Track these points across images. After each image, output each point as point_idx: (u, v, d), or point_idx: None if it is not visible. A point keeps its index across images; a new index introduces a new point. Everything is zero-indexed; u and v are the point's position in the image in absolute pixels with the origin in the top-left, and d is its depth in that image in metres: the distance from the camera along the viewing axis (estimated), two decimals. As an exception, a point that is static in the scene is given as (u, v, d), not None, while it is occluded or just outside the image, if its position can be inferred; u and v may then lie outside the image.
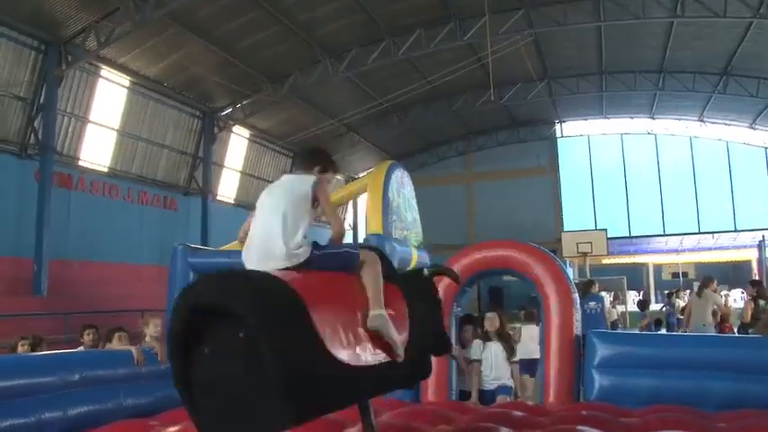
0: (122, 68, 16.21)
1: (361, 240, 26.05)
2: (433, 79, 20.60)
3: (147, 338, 8.18)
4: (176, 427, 4.06)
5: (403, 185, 13.49)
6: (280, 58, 17.95)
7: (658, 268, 29.19)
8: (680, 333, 8.68)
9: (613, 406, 4.58)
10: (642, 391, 4.87)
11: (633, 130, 27.45)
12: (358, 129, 24.40)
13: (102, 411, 4.57)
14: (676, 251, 27.46)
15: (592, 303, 10.12)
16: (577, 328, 5.43)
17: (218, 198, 20.51)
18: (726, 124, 25.37)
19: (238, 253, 9.87)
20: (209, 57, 16.72)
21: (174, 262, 11.82)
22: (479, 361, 5.85)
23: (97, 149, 16.40)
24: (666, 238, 26.94)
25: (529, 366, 6.86)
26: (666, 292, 24.40)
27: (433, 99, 23.33)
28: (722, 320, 11.10)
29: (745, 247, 25.83)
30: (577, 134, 28.57)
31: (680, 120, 26.01)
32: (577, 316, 5.48)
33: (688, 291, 24.30)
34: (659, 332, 13.09)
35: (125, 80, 16.59)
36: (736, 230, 25.83)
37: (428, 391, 5.56)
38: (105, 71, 16.04)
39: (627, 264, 28.05)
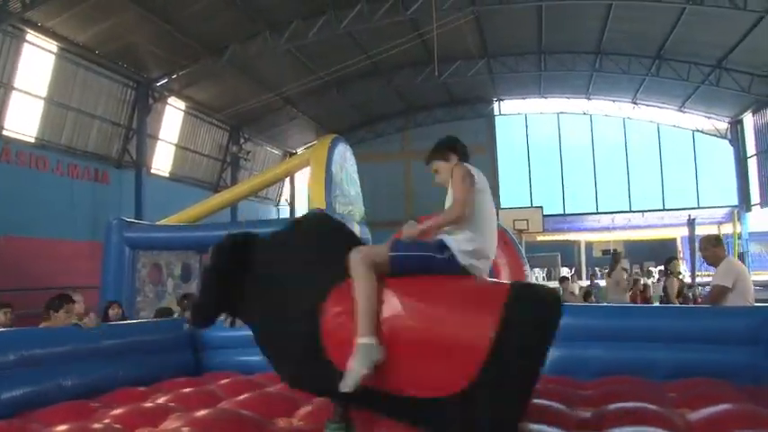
0: (50, 33, 15.35)
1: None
2: (374, 54, 20.46)
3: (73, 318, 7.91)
4: (120, 410, 3.90)
5: (345, 160, 13.40)
6: (218, 29, 17.39)
7: (590, 245, 30.02)
8: (625, 305, 8.90)
9: (566, 378, 4.63)
10: (591, 364, 4.94)
11: (569, 110, 27.97)
12: (297, 102, 24.02)
13: (40, 393, 4.35)
14: (608, 229, 28.28)
15: None
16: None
17: (153, 171, 19.85)
18: (657, 107, 26.12)
19: (175, 228, 9.74)
20: (145, 25, 16.04)
21: (109, 236, 11.52)
22: None
23: (23, 119, 15.56)
24: (599, 216, 27.71)
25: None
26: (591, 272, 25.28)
27: (373, 74, 23.17)
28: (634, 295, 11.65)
29: (672, 225, 26.78)
30: (515, 112, 28.93)
31: (614, 101, 26.65)
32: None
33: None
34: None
35: (53, 46, 15.74)
36: (664, 209, 26.77)
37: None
38: (31, 35, 15.16)
39: (560, 241, 28.73)
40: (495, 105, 28.91)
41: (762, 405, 3.62)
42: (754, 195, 24.61)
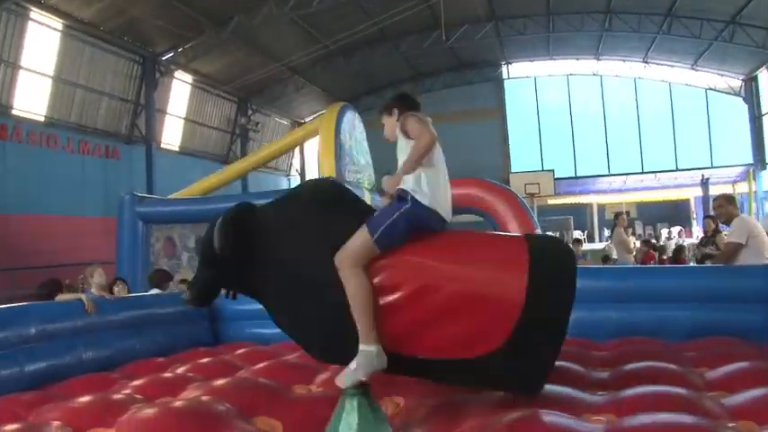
0: (54, 10, 15.26)
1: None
2: (380, 20, 20.21)
3: (94, 289, 8.00)
4: (140, 381, 3.95)
5: (354, 128, 13.31)
6: (222, 0, 17.24)
7: (602, 208, 29.88)
8: (640, 266, 8.89)
9: (583, 340, 4.63)
10: (607, 325, 4.93)
11: (579, 72, 27.61)
12: (303, 72, 23.86)
13: (61, 366, 4.41)
14: (620, 191, 28.11)
15: None
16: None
17: (162, 146, 19.88)
18: (669, 65, 25.71)
19: (187, 201, 9.71)
20: (148, -1, 15.95)
21: (122, 212, 11.55)
22: None
23: (32, 98, 15.56)
24: (611, 178, 27.52)
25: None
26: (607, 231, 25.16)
27: (380, 41, 22.93)
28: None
29: (685, 185, 26.60)
30: (524, 75, 28.60)
31: (624, 61, 26.25)
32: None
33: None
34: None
35: (57, 23, 15.67)
36: (677, 170, 26.51)
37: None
38: (35, 13, 15.09)
39: (572, 204, 28.61)
40: (504, 69, 28.58)
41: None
42: (770, 153, 24.33)
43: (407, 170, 3.09)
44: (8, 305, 4.33)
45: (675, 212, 29.58)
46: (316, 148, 22.29)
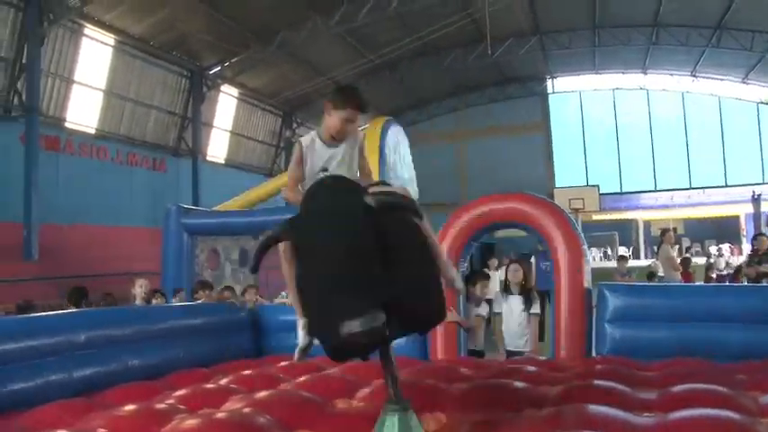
0: (107, 27, 15.77)
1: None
2: (424, 35, 20.29)
3: (138, 300, 8.17)
4: (183, 391, 3.99)
5: (399, 142, 13.33)
6: (268, 15, 17.53)
7: (648, 224, 29.28)
8: (687, 284, 8.69)
9: (629, 359, 4.53)
10: (655, 344, 4.82)
11: (625, 86, 27.27)
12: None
13: (107, 373, 4.49)
14: (666, 207, 27.51)
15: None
16: (588, 282, 5.36)
17: (208, 158, 20.24)
18: (718, 79, 25.20)
19: (231, 213, 9.77)
20: (196, 14, 16.30)
21: (168, 223, 11.73)
22: (499, 314, 5.78)
23: (84, 111, 16.05)
24: (657, 193, 27.00)
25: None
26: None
27: (424, 55, 22.99)
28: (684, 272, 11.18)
29: (735, 202, 25.89)
30: (569, 90, 28.34)
31: (672, 75, 25.82)
32: (588, 269, 5.41)
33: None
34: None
35: (110, 39, 16.16)
36: (726, 186, 25.88)
37: (437, 351, 5.50)
38: (89, 29, 15.60)
39: (617, 220, 28.08)
40: (549, 83, 28.39)
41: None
42: (824, 168, 23.58)
43: None
44: (57, 312, 4.43)
45: (724, 229, 28.76)
46: (358, 161, 22.42)
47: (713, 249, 22.79)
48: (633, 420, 2.99)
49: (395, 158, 12.86)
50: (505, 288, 5.84)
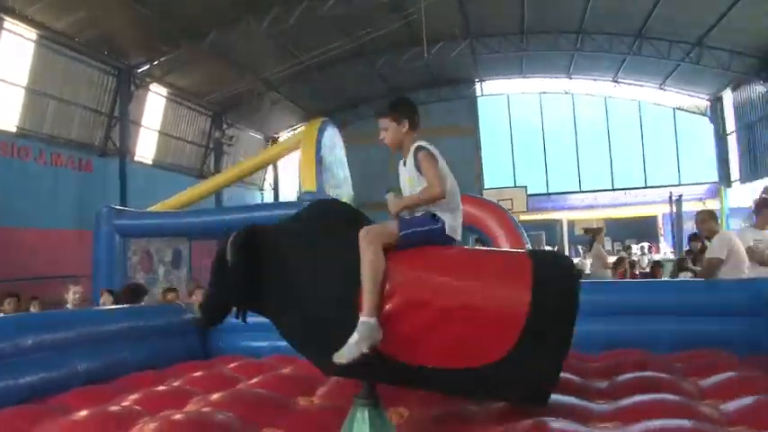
0: (28, 20, 15.10)
1: (286, 200, 25.83)
2: (357, 37, 20.36)
3: (70, 305, 7.95)
4: (138, 394, 3.93)
5: (334, 143, 13.44)
6: (199, 14, 17.18)
7: (572, 224, 30.28)
8: (623, 280, 9.08)
9: (574, 352, 4.71)
10: (596, 337, 5.03)
11: (551, 90, 28.09)
12: (279, 87, 23.88)
13: (54, 378, 4.36)
14: (591, 207, 28.51)
15: None
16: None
17: (137, 159, 19.71)
18: (638, 85, 26.30)
19: (166, 215, 9.65)
20: (124, 11, 15.83)
21: (99, 225, 11.43)
22: None
23: (3, 108, 15.35)
24: (582, 194, 27.94)
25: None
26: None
27: (356, 57, 23.03)
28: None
29: (654, 202, 27.07)
30: (497, 93, 28.99)
31: (596, 80, 26.78)
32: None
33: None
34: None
35: (32, 33, 15.51)
36: (646, 187, 27.06)
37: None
38: (9, 23, 14.92)
39: (544, 220, 28.91)
40: (478, 86, 28.95)
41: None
42: (734, 172, 24.95)
43: (409, 207, 3.31)
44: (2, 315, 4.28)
45: (643, 229, 30.05)
46: (289, 162, 22.31)
47: (636, 248, 23.79)
48: (592, 408, 3.16)
49: (331, 159, 12.93)
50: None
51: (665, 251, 25.04)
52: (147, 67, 18.69)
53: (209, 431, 3.00)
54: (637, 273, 13.64)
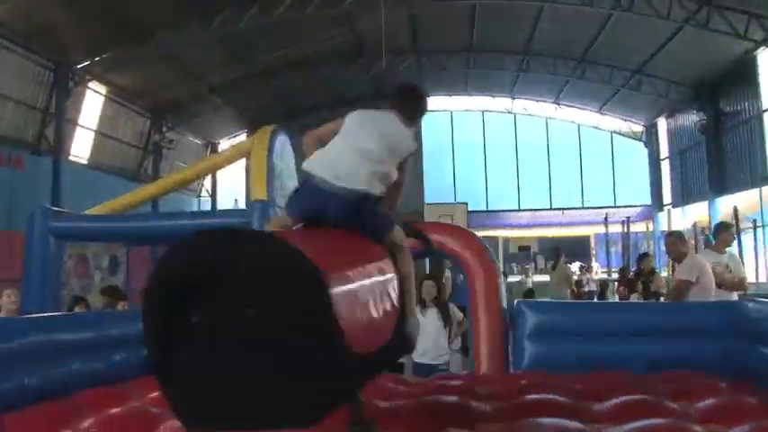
0: (-40, 6, 14.27)
1: (226, 207, 25.21)
2: (304, 46, 20.14)
3: (3, 312, 7.41)
4: (105, 413, 3.59)
5: (284, 152, 13.09)
6: (144, 12, 16.56)
7: (507, 241, 30.74)
8: (601, 302, 9.15)
9: (552, 374, 4.63)
10: (572, 358, 4.98)
11: (494, 108, 28.50)
12: (222, 92, 23.34)
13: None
14: (529, 226, 29.02)
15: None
16: (503, 299, 5.46)
17: (71, 158, 18.83)
18: (579, 108, 27.02)
19: (105, 218, 9.13)
20: (66, 3, 15.12)
21: (32, 226, 10.74)
22: None
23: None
24: (520, 213, 28.40)
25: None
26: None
27: (302, 66, 22.73)
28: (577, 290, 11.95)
29: (590, 223, 27.78)
30: (441, 109, 29.19)
31: (537, 101, 27.35)
32: (502, 287, 5.52)
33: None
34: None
35: (-39, 18, 14.64)
36: (583, 207, 27.73)
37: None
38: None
39: (484, 237, 29.23)
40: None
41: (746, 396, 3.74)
42: (666, 196, 25.86)
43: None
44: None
45: (576, 248, 30.78)
46: (227, 169, 21.72)
47: (575, 267, 24.25)
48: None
49: (281, 167, 12.60)
50: (421, 301, 5.82)
51: (597, 270, 25.69)
52: (88, 63, 17.91)
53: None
54: (582, 292, 13.85)
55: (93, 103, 19.86)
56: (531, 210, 28.24)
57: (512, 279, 20.88)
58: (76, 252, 11.38)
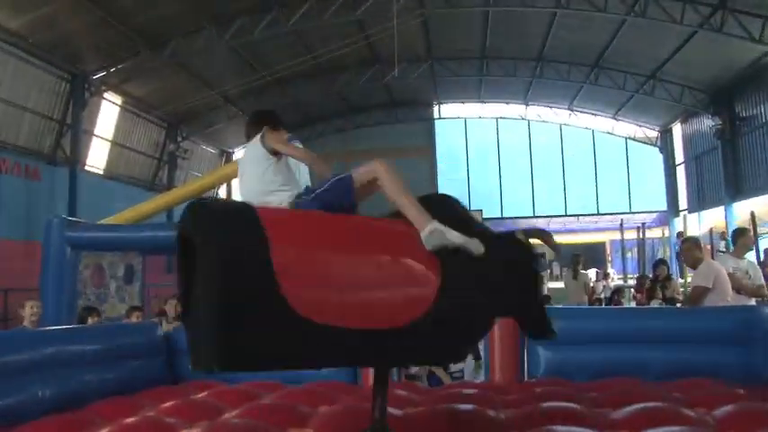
0: (-22, 18, 14.45)
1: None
2: (319, 54, 20.21)
3: (26, 323, 7.45)
4: (109, 428, 3.57)
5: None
6: (160, 22, 16.77)
7: (522, 248, 30.48)
8: (616, 307, 9.06)
9: (568, 381, 4.59)
10: (587, 365, 4.93)
11: (508, 115, 28.44)
12: (237, 101, 23.48)
13: (12, 406, 3.97)
14: (544, 233, 28.83)
15: None
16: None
17: (87, 168, 19.00)
18: (593, 114, 26.88)
19: (121, 227, 9.31)
20: (83, 14, 15.27)
21: (49, 236, 10.82)
22: None
23: (-53, 110, 14.61)
24: (535, 219, 28.24)
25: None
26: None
27: (316, 75, 22.85)
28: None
29: (604, 229, 27.64)
30: (455, 116, 29.22)
31: (551, 107, 27.25)
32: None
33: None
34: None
35: (-19, 33, 14.83)
36: (598, 214, 27.56)
37: (369, 373, 5.34)
38: (-43, 20, 14.25)
39: (497, 244, 29.13)
40: (436, 108, 29.13)
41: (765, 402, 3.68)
42: (682, 201, 25.63)
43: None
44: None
45: (591, 254, 30.59)
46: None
47: (592, 273, 24.10)
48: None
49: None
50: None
51: (614, 277, 25.46)
52: (104, 73, 18.07)
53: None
54: (595, 299, 13.73)
55: (108, 113, 20.04)
56: (546, 216, 28.07)
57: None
58: (92, 262, 11.42)
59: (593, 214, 27.75)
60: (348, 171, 3.09)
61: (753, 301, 5.87)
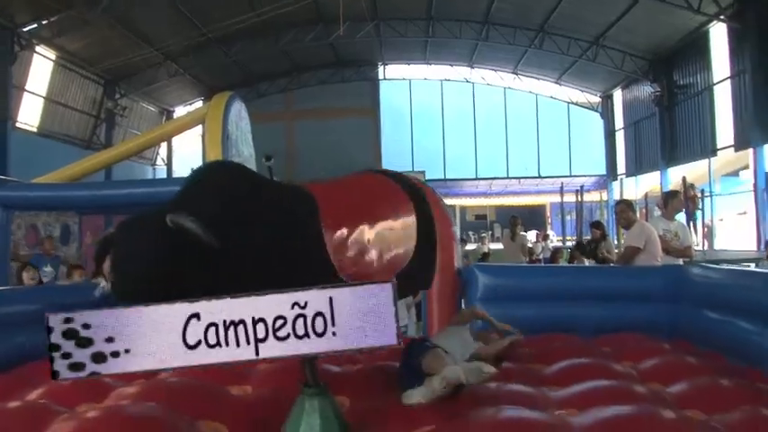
0: None
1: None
2: (263, 12, 19.77)
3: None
4: (42, 389, 3.52)
5: (240, 119, 12.92)
6: (95, -28, 16.15)
7: (464, 210, 31.02)
8: (552, 265, 9.30)
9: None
10: (523, 322, 5.04)
11: (453, 77, 28.50)
12: (177, 59, 22.86)
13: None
14: (485, 194, 29.28)
15: None
16: (458, 262, 5.50)
17: (18, 125, 18.27)
18: (536, 78, 27.18)
19: (56, 186, 9.07)
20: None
21: (-21, 196, 10.43)
22: None
23: None
24: (478, 181, 28.62)
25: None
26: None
27: (260, 32, 22.39)
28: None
29: (546, 192, 28.19)
30: (399, 77, 29.12)
31: (496, 71, 27.42)
32: (458, 249, 5.55)
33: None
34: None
35: None
36: (539, 177, 28.08)
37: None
38: None
39: (441, 206, 29.44)
40: (380, 69, 28.96)
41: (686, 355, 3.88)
42: (621, 166, 26.33)
43: None
44: None
45: (532, 217, 31.24)
46: (183, 137, 21.36)
47: (531, 235, 24.59)
48: (541, 394, 3.13)
49: (237, 134, 12.45)
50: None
51: (553, 239, 26.09)
52: (35, 26, 17.29)
53: (141, 427, 2.71)
54: (534, 259, 14.12)
55: (41, 68, 19.23)
56: (488, 178, 28.47)
57: (469, 247, 21.05)
58: (26, 222, 11.08)
59: (534, 177, 28.27)
60: (292, 131, 3.05)
61: (680, 261, 6.12)
